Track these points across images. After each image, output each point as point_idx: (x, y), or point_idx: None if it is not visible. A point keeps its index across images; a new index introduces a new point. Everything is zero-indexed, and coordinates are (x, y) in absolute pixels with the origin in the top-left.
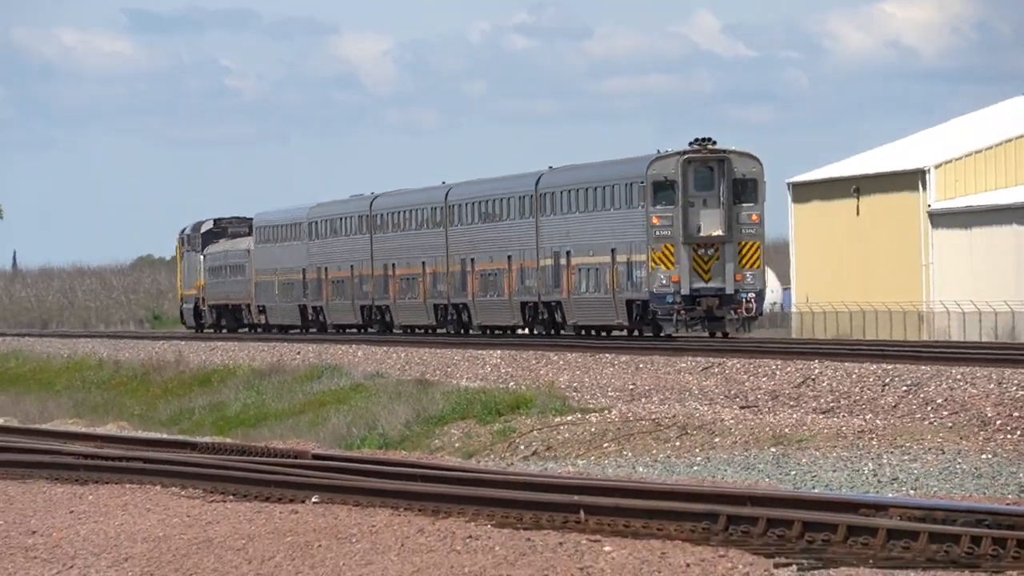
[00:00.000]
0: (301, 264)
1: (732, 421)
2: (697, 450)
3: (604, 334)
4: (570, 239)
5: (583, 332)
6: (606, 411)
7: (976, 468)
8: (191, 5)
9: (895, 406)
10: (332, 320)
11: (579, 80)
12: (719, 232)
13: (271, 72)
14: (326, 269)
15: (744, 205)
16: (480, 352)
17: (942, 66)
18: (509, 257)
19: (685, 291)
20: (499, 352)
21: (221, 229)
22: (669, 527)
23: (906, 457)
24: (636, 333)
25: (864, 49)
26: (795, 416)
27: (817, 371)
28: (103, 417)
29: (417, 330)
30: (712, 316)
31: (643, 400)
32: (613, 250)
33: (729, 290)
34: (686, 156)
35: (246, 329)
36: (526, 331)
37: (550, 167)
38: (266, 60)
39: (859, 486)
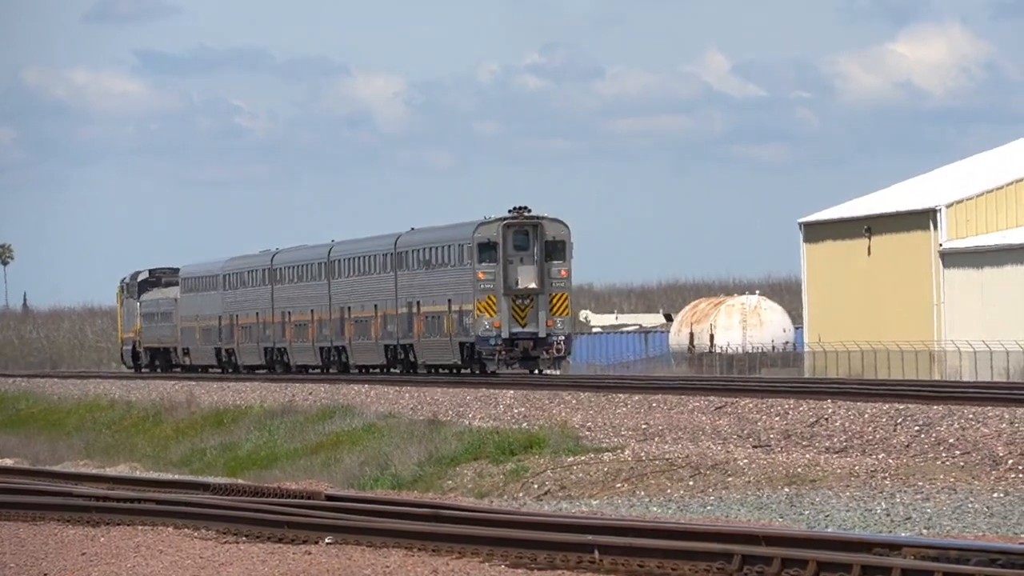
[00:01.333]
0: (217, 312)
1: (745, 461)
2: (710, 490)
3: (447, 371)
4: (419, 291)
5: (431, 371)
6: (619, 451)
7: (988, 507)
8: (201, 45)
9: (907, 445)
10: (242, 361)
11: (591, 120)
12: (533, 285)
13: (282, 112)
14: (237, 316)
15: (554, 262)
16: (493, 392)
17: (952, 106)
18: (376, 306)
19: (505, 335)
20: (512, 392)
21: (156, 279)
22: (683, 567)
23: (919, 496)
24: (467, 370)
25: (874, 89)
26: (808, 456)
27: (829, 410)
28: (114, 458)
29: (311, 369)
30: (528, 356)
31: (656, 440)
32: (449, 300)
33: (542, 334)
34: (505, 222)
35: (178, 368)
36: (392, 369)
37: (412, 228)
38: (277, 100)
39: (872, 526)
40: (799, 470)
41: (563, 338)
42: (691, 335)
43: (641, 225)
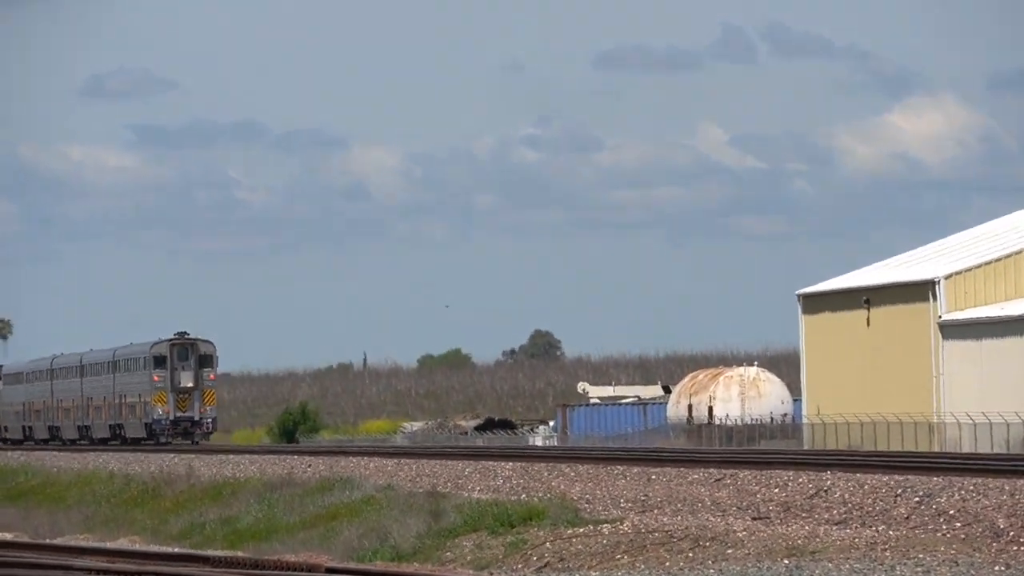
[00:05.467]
0: (22, 400)
1: (744, 533)
2: (710, 562)
3: (140, 440)
4: (124, 388)
5: (136, 441)
6: (618, 523)
7: None
8: (197, 118)
9: (907, 517)
10: (37, 436)
11: (587, 191)
12: (191, 384)
13: (280, 184)
14: (32, 404)
15: (205, 369)
16: (492, 464)
17: (950, 178)
18: (104, 397)
19: (172, 417)
20: (511, 464)
21: None
22: None
23: (919, 569)
24: (151, 441)
25: (871, 161)
26: (808, 527)
27: (829, 482)
28: (114, 531)
29: (78, 441)
30: (187, 432)
31: (655, 511)
32: (139, 395)
33: (196, 417)
34: (171, 342)
35: (3, 440)
36: (112, 441)
37: (90, 348)
38: (274, 172)
39: None
40: (799, 542)
41: (210, 420)
42: (690, 407)
43: (639, 296)
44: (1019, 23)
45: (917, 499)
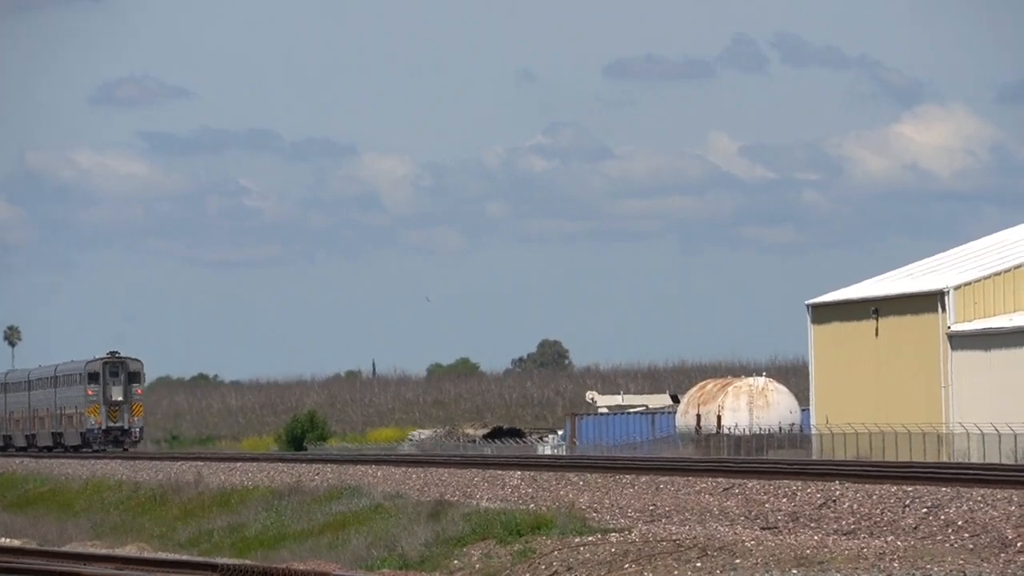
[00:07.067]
0: None
1: (753, 543)
2: (718, 572)
3: (77, 448)
4: (63, 401)
5: (73, 449)
6: (626, 532)
7: None
8: (208, 126)
9: (916, 528)
10: (15, 443)
11: (598, 200)
12: (121, 398)
13: (290, 193)
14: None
15: (133, 385)
16: (500, 473)
17: (960, 188)
18: (47, 409)
19: (104, 427)
20: (519, 473)
21: None
22: None
23: None
24: (86, 448)
25: (881, 171)
26: (816, 537)
27: (838, 492)
28: (122, 538)
29: (28, 448)
30: (117, 440)
31: (663, 521)
32: (76, 407)
33: (126, 427)
34: (104, 360)
35: None
36: (55, 448)
37: (39, 364)
38: (285, 181)
39: None
40: (807, 552)
41: (139, 430)
42: (698, 416)
43: (648, 306)
44: None
45: (925, 509)
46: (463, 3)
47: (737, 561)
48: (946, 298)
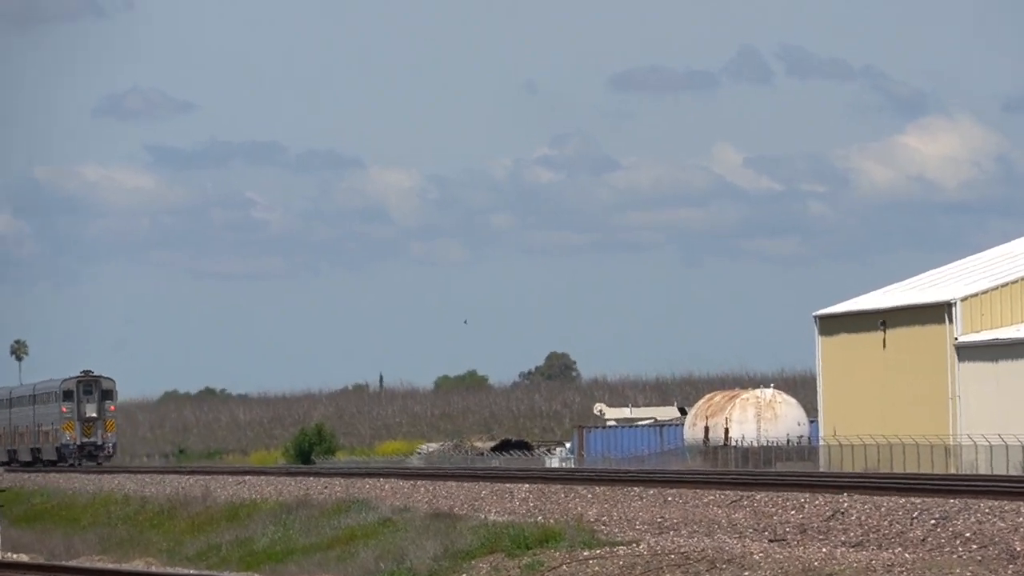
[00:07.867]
0: None
1: (761, 555)
2: None
3: (55, 463)
4: (41, 419)
5: (51, 464)
6: (635, 544)
7: None
8: (214, 139)
9: (924, 539)
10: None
11: (603, 212)
12: (95, 415)
13: (296, 205)
14: None
15: (106, 402)
16: (508, 486)
17: (966, 199)
18: (26, 426)
19: (79, 443)
20: (527, 486)
21: None
22: None
23: None
24: (62, 463)
25: (887, 182)
26: (824, 550)
27: (846, 504)
28: (129, 553)
29: (10, 464)
30: (91, 455)
31: (672, 533)
32: (52, 423)
33: (100, 443)
34: (78, 379)
35: None
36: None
37: (20, 383)
38: (291, 193)
39: None
40: (815, 564)
41: (112, 445)
42: (706, 428)
43: (655, 318)
44: None
45: (933, 521)
46: (468, 15)
47: (746, 573)
48: (953, 309)
